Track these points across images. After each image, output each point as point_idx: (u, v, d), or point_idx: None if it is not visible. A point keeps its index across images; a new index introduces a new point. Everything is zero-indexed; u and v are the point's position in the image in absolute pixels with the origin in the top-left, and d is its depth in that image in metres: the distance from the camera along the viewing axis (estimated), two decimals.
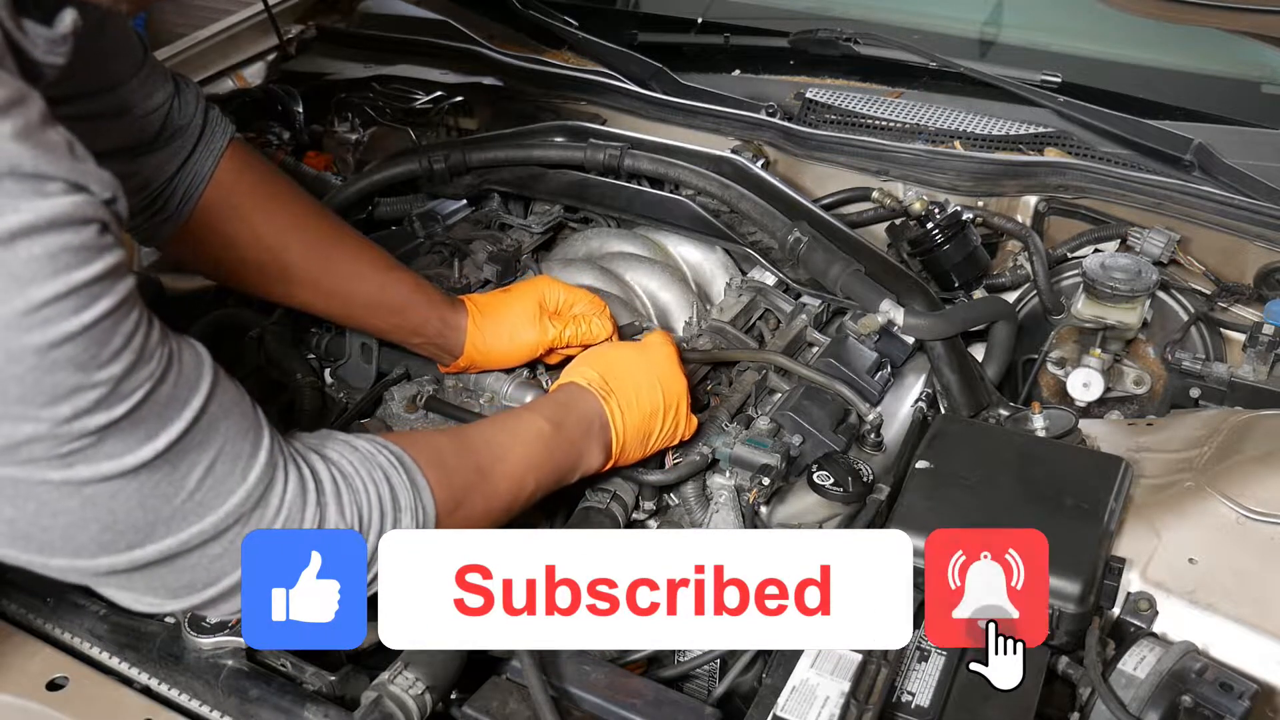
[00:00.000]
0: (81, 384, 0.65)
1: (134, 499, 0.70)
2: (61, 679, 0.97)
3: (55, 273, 0.63)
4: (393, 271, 1.30)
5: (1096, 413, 1.48)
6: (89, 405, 0.65)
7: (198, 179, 1.16)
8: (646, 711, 0.94)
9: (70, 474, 0.67)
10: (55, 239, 0.63)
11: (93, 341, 0.65)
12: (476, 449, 0.99)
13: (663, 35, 2.19)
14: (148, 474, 0.70)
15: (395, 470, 0.87)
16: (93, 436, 0.66)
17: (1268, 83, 1.89)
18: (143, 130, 1.11)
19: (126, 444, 0.68)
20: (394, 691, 0.91)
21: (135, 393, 0.68)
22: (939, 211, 1.54)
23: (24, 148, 0.61)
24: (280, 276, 1.24)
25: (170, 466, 0.71)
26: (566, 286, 1.37)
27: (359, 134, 1.91)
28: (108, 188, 0.67)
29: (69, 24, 0.74)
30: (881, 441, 1.29)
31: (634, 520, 1.26)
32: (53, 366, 0.63)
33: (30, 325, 0.62)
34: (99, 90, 1.04)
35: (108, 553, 0.72)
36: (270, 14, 2.07)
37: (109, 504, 0.69)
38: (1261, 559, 1.06)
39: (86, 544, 0.71)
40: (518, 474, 1.01)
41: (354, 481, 0.84)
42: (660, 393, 1.15)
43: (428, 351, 1.34)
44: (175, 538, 0.74)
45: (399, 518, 0.86)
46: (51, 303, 0.62)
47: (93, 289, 0.65)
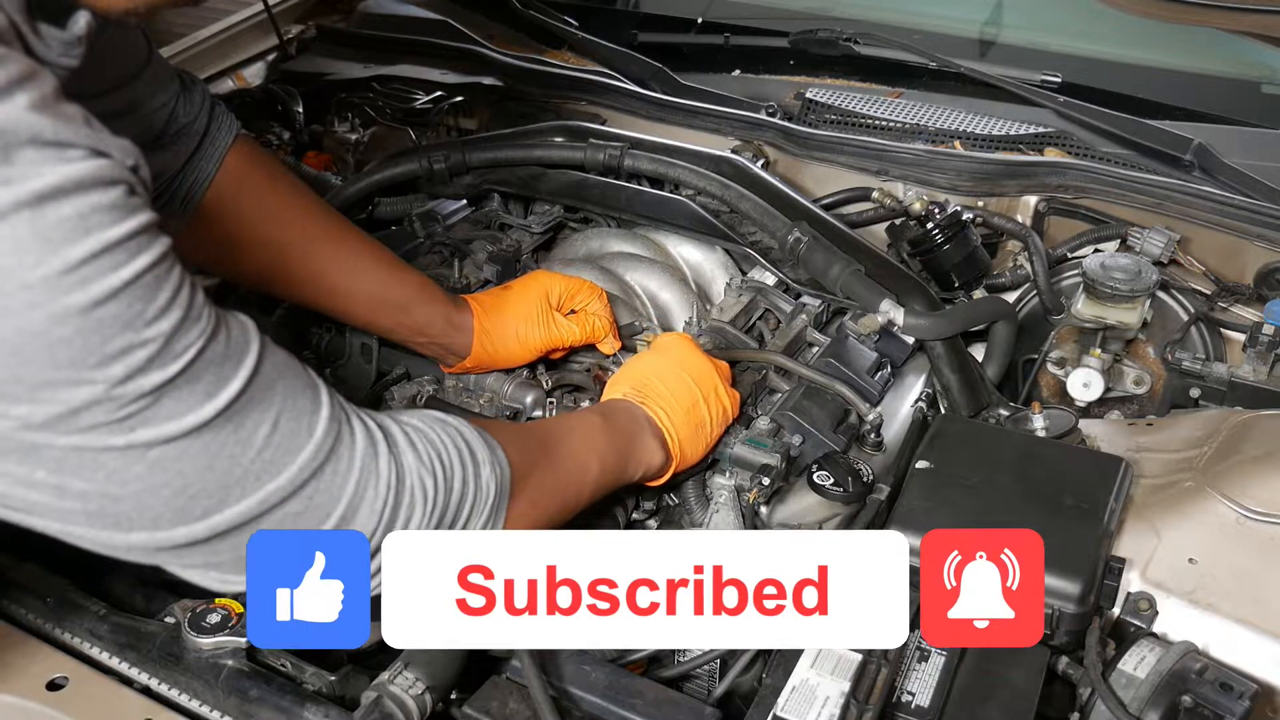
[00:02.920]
0: (131, 342, 0.64)
1: (202, 460, 0.69)
2: (61, 679, 0.97)
3: (88, 231, 0.62)
4: (396, 270, 1.30)
5: (1096, 413, 1.48)
6: (142, 363, 0.65)
7: (202, 176, 1.17)
8: (646, 711, 0.94)
9: (133, 437, 0.66)
10: (84, 199, 0.62)
11: (136, 298, 0.64)
12: (536, 430, 1.01)
13: (663, 35, 2.19)
14: (212, 434, 0.69)
15: (468, 428, 0.87)
16: (150, 397, 0.65)
17: (1268, 83, 1.89)
18: (147, 128, 1.11)
19: (186, 403, 0.67)
20: (394, 691, 0.91)
21: (188, 350, 0.67)
22: (939, 211, 1.54)
23: (43, 117, 0.61)
24: (283, 274, 1.24)
25: (234, 425, 0.70)
26: (565, 278, 1.38)
27: (359, 134, 1.91)
28: (129, 154, 0.67)
29: (83, 26, 0.75)
30: (881, 441, 1.29)
31: (634, 520, 1.26)
32: (99, 326, 0.63)
33: (70, 285, 0.61)
34: (105, 90, 1.04)
35: (185, 520, 0.71)
36: (270, 14, 2.07)
37: (177, 466, 0.68)
38: (1261, 559, 1.06)
39: (162, 513, 0.70)
40: (580, 455, 1.01)
41: (428, 435, 0.84)
42: (693, 384, 1.16)
43: (431, 351, 1.34)
44: (253, 497, 0.72)
45: (479, 470, 0.85)
46: (88, 261, 0.62)
47: (129, 245, 0.64)
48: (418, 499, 0.80)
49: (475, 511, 0.86)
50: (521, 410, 1.35)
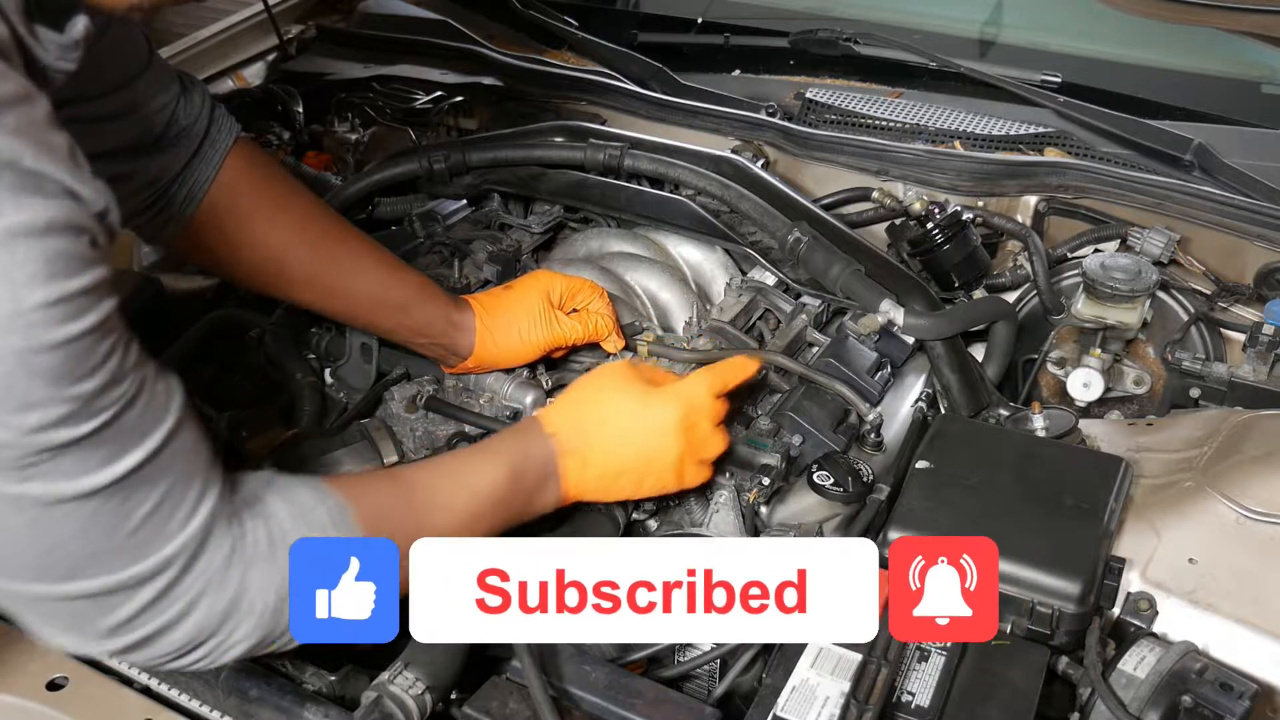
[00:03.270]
0: (54, 396, 0.64)
1: (77, 526, 0.69)
2: (61, 679, 0.97)
3: (50, 277, 0.62)
4: (397, 271, 1.30)
5: (1096, 413, 1.48)
6: (56, 419, 0.64)
7: (202, 178, 1.17)
8: (646, 711, 0.94)
9: (23, 488, 0.65)
10: (52, 243, 0.62)
11: (73, 355, 0.64)
12: (419, 506, 0.95)
13: (663, 35, 2.19)
14: (99, 502, 0.69)
15: (334, 528, 0.86)
16: (53, 452, 0.65)
17: (1268, 83, 1.89)
18: (147, 130, 1.11)
19: (84, 465, 0.67)
20: (394, 691, 0.91)
21: (103, 413, 0.67)
22: (939, 211, 1.54)
23: (25, 144, 0.61)
24: (283, 275, 1.24)
25: (121, 497, 0.70)
26: (566, 278, 1.37)
27: (359, 134, 1.91)
28: (102, 198, 0.67)
29: (81, 30, 0.74)
30: (881, 441, 1.29)
31: (634, 520, 1.26)
32: (30, 373, 0.62)
33: (16, 327, 0.61)
34: (105, 91, 1.03)
35: (43, 580, 0.71)
36: (270, 14, 2.07)
37: (54, 528, 0.68)
38: (1261, 559, 1.06)
39: (24, 568, 0.70)
40: (460, 526, 0.97)
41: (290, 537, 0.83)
42: (636, 459, 1.08)
43: (432, 352, 1.34)
44: (112, 575, 0.72)
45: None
46: (41, 308, 0.62)
47: (82, 300, 0.64)
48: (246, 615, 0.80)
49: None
50: (522, 410, 1.35)
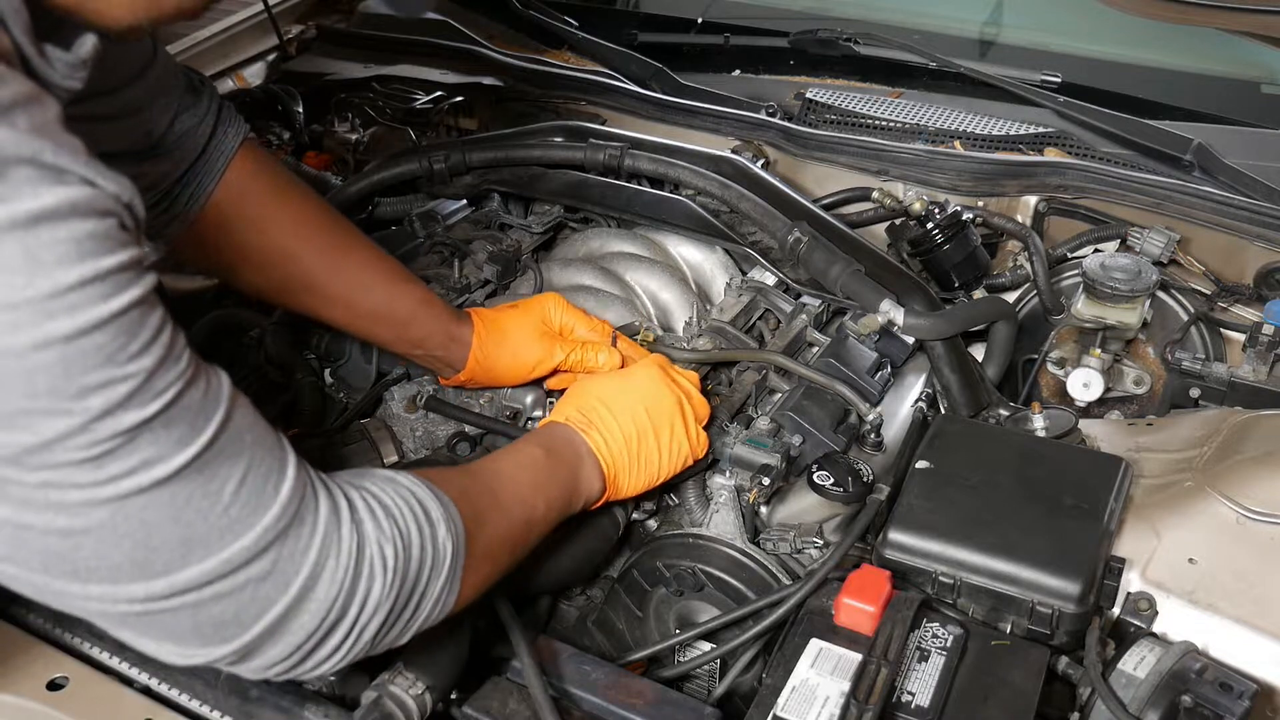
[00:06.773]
0: (113, 376, 0.62)
1: (168, 511, 0.67)
2: (61, 679, 0.97)
3: (81, 257, 0.61)
4: (401, 284, 1.28)
5: (1096, 413, 1.48)
6: (121, 399, 0.63)
7: (207, 179, 1.15)
8: (646, 711, 0.94)
9: (101, 475, 0.64)
10: (79, 225, 0.61)
11: (122, 331, 0.63)
12: (483, 474, 0.98)
13: (663, 35, 2.20)
14: (181, 484, 0.67)
15: (420, 488, 0.86)
16: (125, 436, 0.64)
17: (1268, 83, 1.89)
18: (152, 130, 1.10)
19: (160, 447, 0.65)
20: (394, 691, 0.91)
21: (167, 390, 0.66)
22: (939, 211, 1.54)
23: (44, 141, 0.61)
24: (285, 281, 1.23)
25: (204, 477, 0.68)
26: (570, 308, 1.35)
27: (359, 134, 1.91)
28: (125, 191, 0.66)
29: (89, 49, 0.74)
30: (881, 441, 1.29)
31: (634, 520, 1.26)
32: (82, 355, 0.61)
33: (57, 310, 0.60)
34: (108, 91, 1.03)
35: (144, 576, 0.68)
36: (270, 14, 2.07)
37: (142, 515, 0.66)
38: (1261, 559, 1.06)
39: (122, 564, 0.67)
40: (525, 495, 1.00)
41: (384, 501, 0.82)
42: (645, 415, 1.13)
43: (427, 363, 1.33)
44: (215, 558, 0.69)
45: (435, 531, 0.84)
46: (78, 287, 0.61)
47: (119, 277, 0.63)
48: (377, 569, 0.78)
49: (434, 575, 0.84)
50: (521, 410, 1.35)
